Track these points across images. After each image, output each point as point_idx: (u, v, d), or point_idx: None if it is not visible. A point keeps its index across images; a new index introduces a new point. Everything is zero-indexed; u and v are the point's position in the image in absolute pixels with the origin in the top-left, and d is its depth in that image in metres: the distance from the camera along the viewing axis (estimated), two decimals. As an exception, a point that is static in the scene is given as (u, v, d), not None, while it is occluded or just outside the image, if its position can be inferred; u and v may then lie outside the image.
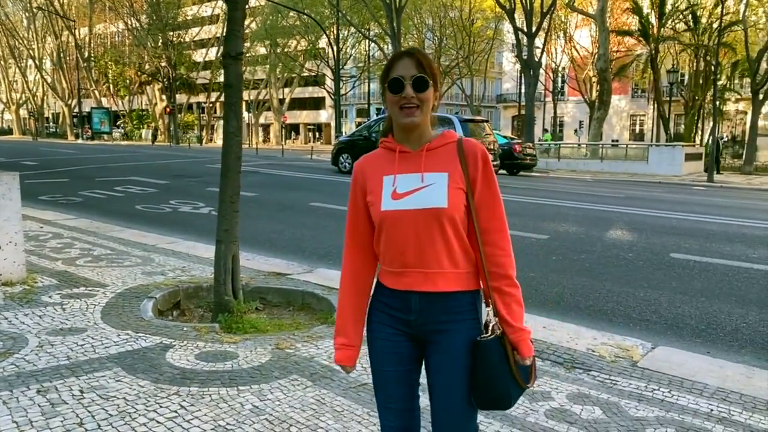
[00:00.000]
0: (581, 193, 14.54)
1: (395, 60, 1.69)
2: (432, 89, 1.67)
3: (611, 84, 29.53)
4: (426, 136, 1.71)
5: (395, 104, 1.66)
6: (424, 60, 1.67)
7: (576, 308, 5.00)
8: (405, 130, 1.70)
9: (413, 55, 1.67)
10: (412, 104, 1.64)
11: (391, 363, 1.75)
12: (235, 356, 3.44)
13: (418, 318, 1.69)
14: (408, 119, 1.65)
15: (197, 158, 23.72)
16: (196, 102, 56.71)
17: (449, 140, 1.72)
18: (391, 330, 1.73)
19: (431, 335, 1.70)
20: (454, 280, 1.68)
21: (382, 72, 1.72)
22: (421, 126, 1.68)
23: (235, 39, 4.28)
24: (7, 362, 3.20)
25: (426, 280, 1.67)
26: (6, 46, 55.34)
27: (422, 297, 1.68)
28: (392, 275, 1.72)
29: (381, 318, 1.75)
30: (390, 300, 1.73)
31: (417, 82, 1.64)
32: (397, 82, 1.65)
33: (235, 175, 4.47)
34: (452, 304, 1.69)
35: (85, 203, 10.34)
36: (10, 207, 4.70)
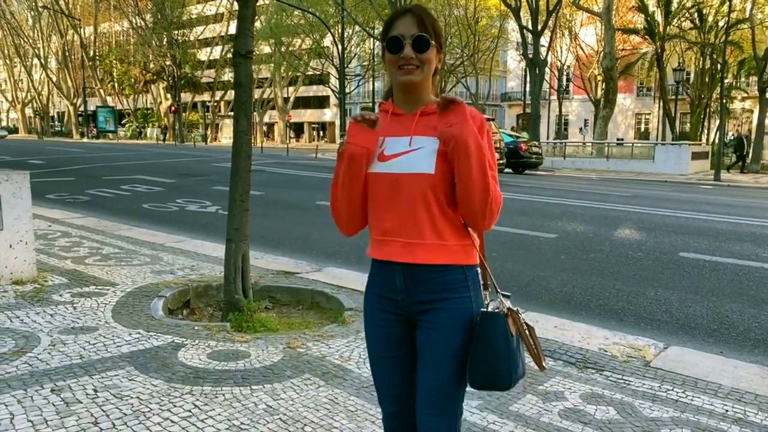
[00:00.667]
0: (588, 191, 14.50)
1: (395, 18, 1.60)
2: (434, 50, 1.58)
3: (617, 82, 29.43)
4: (424, 100, 1.63)
5: (393, 64, 1.58)
6: (426, 18, 1.58)
7: (586, 307, 4.98)
8: (403, 90, 1.62)
9: (415, 12, 1.58)
10: (412, 65, 1.56)
11: (385, 348, 1.71)
12: (247, 355, 3.44)
13: (405, 297, 1.63)
14: (405, 77, 1.57)
15: (203, 157, 23.76)
16: (200, 101, 56.82)
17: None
18: (381, 314, 1.69)
19: (419, 315, 1.63)
20: (438, 252, 1.58)
21: (382, 30, 1.64)
22: (419, 87, 1.60)
23: (245, 37, 4.27)
24: (21, 361, 3.20)
25: (405, 250, 1.59)
26: (11, 45, 55.55)
27: (405, 271, 1.60)
28: (375, 243, 1.66)
29: (373, 301, 1.71)
30: (378, 278, 1.68)
31: (417, 42, 1.55)
32: (395, 41, 1.56)
33: (245, 174, 4.46)
34: (440, 281, 1.59)
35: (92, 202, 10.36)
36: (21, 206, 4.71)
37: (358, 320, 4.20)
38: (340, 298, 4.72)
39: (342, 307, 4.55)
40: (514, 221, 8.92)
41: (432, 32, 1.58)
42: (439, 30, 1.61)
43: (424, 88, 1.62)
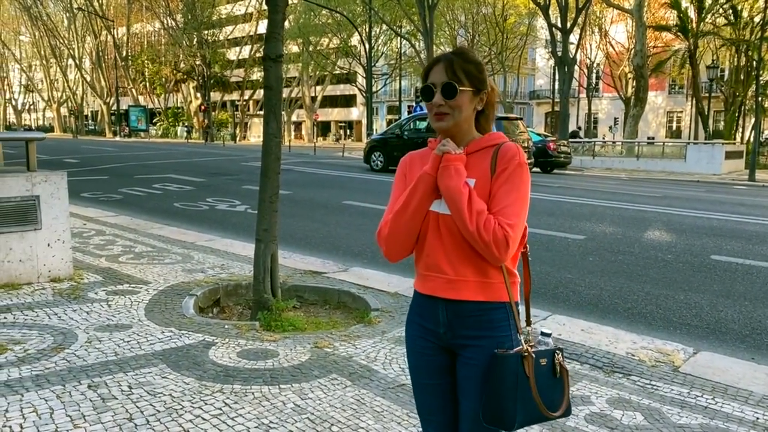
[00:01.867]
0: (617, 192, 14.30)
1: (430, 66, 1.66)
2: (466, 94, 1.61)
3: (648, 80, 28.93)
4: (466, 140, 1.66)
5: (430, 111, 1.65)
6: (457, 63, 1.62)
7: (614, 311, 4.94)
8: (442, 134, 1.68)
9: (446, 59, 1.63)
10: (443, 111, 1.61)
11: (426, 375, 1.74)
12: (275, 354, 3.50)
13: (447, 331, 1.66)
14: (437, 124, 1.64)
15: (232, 156, 24.07)
16: (229, 100, 57.52)
17: (489, 144, 1.66)
18: (423, 342, 1.72)
19: (461, 349, 1.66)
20: (481, 289, 1.62)
21: (422, 76, 1.70)
22: (455, 131, 1.64)
23: (275, 41, 4.34)
24: (59, 357, 3.32)
25: (449, 287, 1.63)
26: (48, 46, 56.94)
27: (448, 307, 1.64)
28: (420, 277, 1.71)
29: (414, 330, 1.75)
30: (421, 308, 1.72)
31: (446, 89, 1.60)
32: (428, 89, 1.63)
33: (274, 176, 4.54)
34: (482, 318, 1.62)
35: (124, 200, 10.60)
36: (59, 206, 4.86)
37: (384, 321, 4.24)
38: (367, 299, 4.77)
39: (368, 308, 4.60)
40: (542, 222, 8.85)
41: (464, 77, 1.61)
42: (473, 72, 1.63)
43: (461, 131, 1.66)
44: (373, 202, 10.72)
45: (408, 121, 18.74)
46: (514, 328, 1.64)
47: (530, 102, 55.91)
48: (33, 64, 68.15)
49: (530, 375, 1.56)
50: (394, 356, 3.53)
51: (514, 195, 1.58)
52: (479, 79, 1.64)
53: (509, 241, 1.54)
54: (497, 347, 1.60)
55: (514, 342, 1.62)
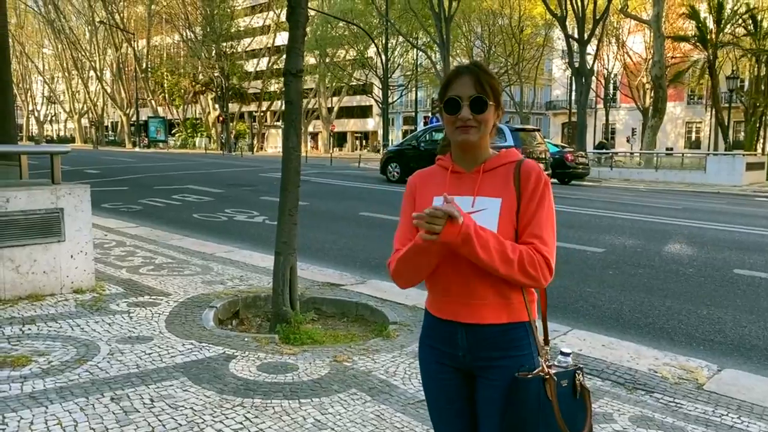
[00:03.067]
0: (636, 203, 14.17)
1: (453, 77, 1.60)
2: (492, 108, 1.59)
3: (666, 91, 28.71)
4: (483, 156, 1.64)
5: (451, 124, 1.60)
6: (483, 77, 1.59)
7: (635, 326, 4.89)
8: (461, 149, 1.64)
9: (472, 71, 1.59)
10: (469, 125, 1.57)
11: (445, 399, 1.71)
12: (295, 368, 3.51)
13: (466, 354, 1.62)
14: (462, 137, 1.59)
15: (250, 167, 24.25)
16: (247, 111, 58.07)
17: (507, 161, 1.63)
18: (438, 366, 1.68)
19: (482, 371, 1.63)
20: (501, 310, 1.59)
21: (440, 88, 1.65)
22: (477, 145, 1.61)
23: (296, 57, 4.39)
24: (82, 369, 3.36)
25: (469, 311, 1.60)
26: (70, 58, 58.00)
27: (468, 331, 1.60)
28: (436, 302, 1.67)
29: (428, 353, 1.71)
30: (436, 332, 1.68)
31: (475, 103, 1.56)
32: (453, 102, 1.57)
33: (294, 189, 4.57)
34: (504, 338, 1.59)
35: (144, 211, 10.72)
36: (82, 218, 4.93)
37: (402, 335, 4.24)
38: (385, 312, 4.77)
39: (386, 321, 4.60)
40: (561, 234, 8.76)
41: (489, 91, 1.59)
42: (496, 87, 1.62)
43: (482, 146, 1.64)
44: (390, 213, 10.73)
45: (424, 132, 18.78)
46: (534, 347, 1.61)
47: (547, 113, 55.71)
48: (55, 76, 69.50)
49: (552, 398, 1.53)
50: (414, 371, 3.52)
51: (546, 217, 1.58)
52: (499, 94, 1.63)
53: (551, 266, 1.55)
54: (519, 368, 1.58)
55: (535, 362, 1.60)
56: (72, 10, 56.93)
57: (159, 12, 55.19)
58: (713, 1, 29.66)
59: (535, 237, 1.55)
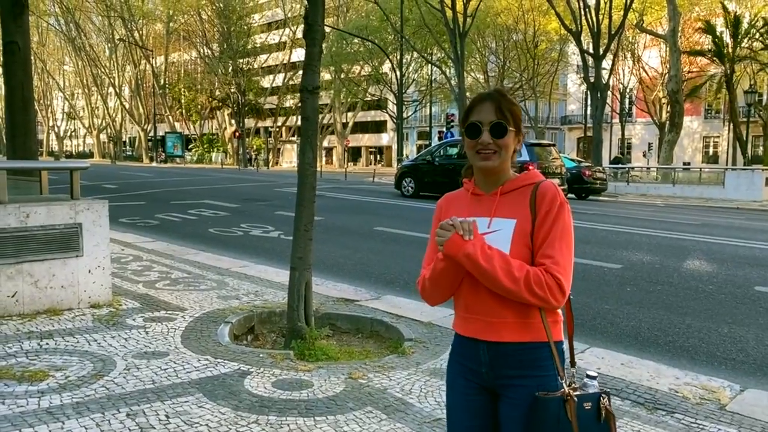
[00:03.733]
0: (653, 219, 14.02)
1: (475, 103, 1.66)
2: (512, 134, 1.63)
3: (683, 105, 28.53)
4: (503, 179, 1.68)
5: (472, 148, 1.65)
6: (504, 103, 1.63)
7: (654, 344, 4.81)
8: (482, 173, 1.69)
9: (494, 98, 1.64)
10: (489, 150, 1.62)
11: (467, 417, 1.72)
12: (310, 385, 3.49)
13: (489, 371, 1.65)
14: (483, 163, 1.64)
15: (265, 182, 24.40)
16: (263, 126, 58.62)
17: (525, 183, 1.66)
18: (464, 382, 1.71)
19: (504, 389, 1.65)
20: (521, 330, 1.60)
21: (463, 114, 1.71)
22: (498, 170, 1.66)
23: (312, 74, 4.42)
24: (98, 384, 3.37)
25: (489, 329, 1.62)
26: (89, 75, 59.04)
27: (490, 348, 1.63)
28: (460, 319, 1.72)
29: (455, 369, 1.74)
30: (462, 348, 1.72)
31: (495, 128, 1.61)
32: (474, 127, 1.63)
33: (309, 204, 4.58)
34: (525, 357, 1.61)
35: (161, 226, 10.81)
36: (100, 233, 4.98)
37: (417, 352, 4.21)
38: (400, 328, 4.74)
39: (401, 338, 4.57)
40: (578, 250, 8.62)
41: (510, 117, 1.63)
42: (517, 113, 1.66)
43: (503, 170, 1.67)
44: (405, 228, 10.72)
45: (439, 147, 18.80)
46: (561, 364, 1.62)
47: (562, 127, 55.58)
48: (75, 92, 70.73)
49: (572, 419, 1.53)
50: (429, 389, 3.48)
51: (561, 238, 1.58)
52: (519, 120, 1.67)
53: (563, 287, 1.56)
54: (540, 388, 1.58)
55: (557, 382, 1.60)
56: (92, 28, 58.07)
57: (177, 29, 56.11)
58: (730, 15, 29.51)
59: (547, 257, 1.56)
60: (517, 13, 38.85)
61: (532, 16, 38.92)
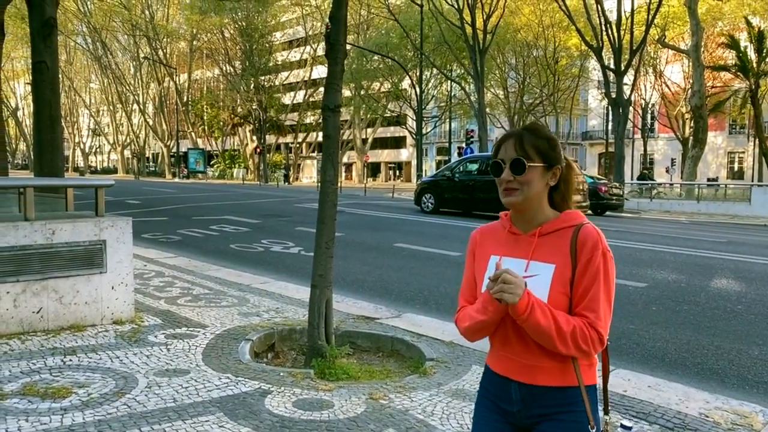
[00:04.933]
0: (678, 236, 13.79)
1: (501, 142, 1.66)
2: (536, 170, 1.59)
3: (707, 121, 28.17)
4: (540, 218, 1.63)
5: (499, 186, 1.64)
6: (527, 139, 1.61)
7: (682, 365, 4.69)
8: (513, 209, 1.66)
9: (517, 135, 1.63)
10: (512, 186, 1.60)
11: None
12: (330, 405, 3.46)
13: (521, 410, 1.63)
14: (507, 199, 1.62)
15: (286, 198, 24.55)
16: (283, 142, 59.16)
17: (565, 225, 1.61)
18: (494, 416, 1.69)
19: (536, 424, 1.63)
20: (556, 374, 1.59)
21: (493, 150, 1.70)
22: (526, 206, 1.62)
23: (334, 92, 4.44)
24: (120, 402, 3.37)
25: (524, 371, 1.61)
26: (115, 92, 60.25)
27: (522, 388, 1.62)
28: (494, 357, 1.70)
29: (485, 404, 1.72)
30: (493, 386, 1.69)
31: (514, 165, 1.59)
32: (497, 165, 1.63)
33: (330, 222, 4.57)
34: (559, 397, 1.59)
35: (183, 242, 10.90)
36: (123, 250, 5.02)
37: (439, 372, 4.15)
38: (421, 347, 4.69)
39: (423, 357, 4.51)
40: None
41: (533, 152, 1.60)
42: (545, 147, 1.61)
43: (535, 207, 1.63)
44: (425, 245, 10.68)
45: (459, 163, 18.76)
46: (592, 406, 1.59)
47: (583, 143, 55.22)
48: (101, 109, 72.16)
49: None
50: (452, 411, 3.43)
51: (604, 291, 1.54)
52: (551, 156, 1.62)
53: (604, 340, 1.54)
54: (574, 423, 1.57)
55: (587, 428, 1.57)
56: (118, 47, 59.29)
57: (200, 47, 57.09)
58: (754, 30, 29.16)
59: (591, 311, 1.53)
60: (537, 30, 38.86)
61: (552, 32, 38.89)
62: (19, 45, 49.95)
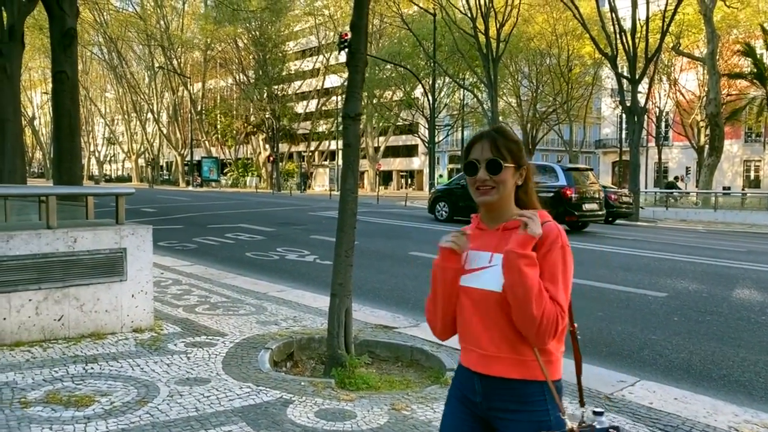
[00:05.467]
0: (696, 245, 13.64)
1: (473, 142, 1.73)
2: (509, 170, 1.68)
3: (723, 129, 27.92)
4: (507, 214, 1.71)
5: (472, 185, 1.71)
6: (500, 141, 1.70)
7: (707, 377, 4.61)
8: (484, 208, 1.73)
9: (490, 136, 1.71)
10: (487, 186, 1.67)
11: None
12: (353, 416, 3.43)
13: (483, 401, 1.68)
14: (482, 198, 1.69)
15: (299, 206, 24.61)
16: (296, 151, 59.40)
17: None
18: (460, 407, 1.74)
19: (497, 422, 1.67)
20: (514, 367, 1.62)
21: (464, 152, 1.78)
22: (498, 205, 1.70)
23: (354, 101, 4.44)
24: (143, 411, 3.36)
25: (481, 361, 1.66)
26: (129, 101, 60.89)
27: (482, 379, 1.66)
28: (462, 351, 1.76)
29: (454, 393, 1.79)
30: (461, 377, 1.76)
31: (490, 165, 1.67)
32: (471, 165, 1.70)
33: (350, 230, 4.56)
34: (516, 393, 1.63)
35: (199, 249, 10.94)
36: (143, 258, 5.04)
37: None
38: (441, 357, 4.65)
39: (443, 367, 4.47)
40: (619, 277, 8.50)
41: (507, 153, 1.69)
42: (515, 150, 1.71)
43: (503, 205, 1.72)
44: (441, 254, 10.61)
45: (473, 171, 18.69)
46: (552, 406, 1.62)
47: (596, 151, 54.94)
48: (115, 118, 72.92)
49: None
50: (476, 422, 3.38)
51: (561, 280, 1.60)
52: (519, 157, 1.72)
53: (560, 327, 1.58)
54: (538, 427, 1.59)
55: (553, 421, 1.60)
56: (133, 57, 59.97)
57: (214, 57, 57.57)
58: (770, 37, 28.95)
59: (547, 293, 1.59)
60: (550, 38, 38.78)
61: (566, 41, 38.80)
62: (36, 55, 50.66)
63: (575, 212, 15.02)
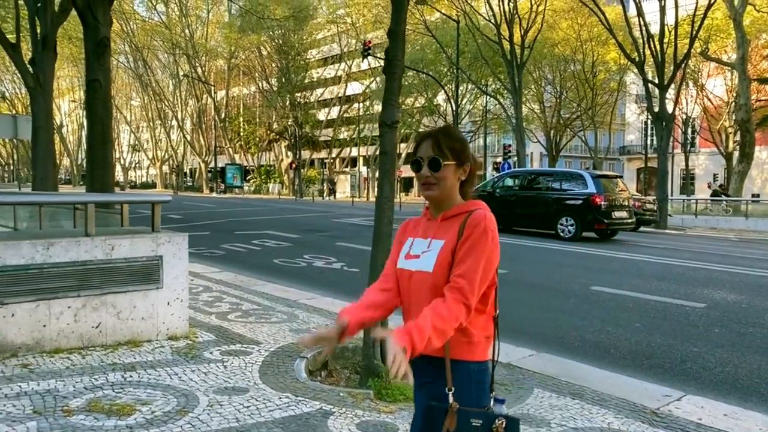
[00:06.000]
0: (730, 254, 13.33)
1: (419, 142, 1.89)
2: (451, 167, 1.82)
3: (754, 135, 27.36)
4: (447, 206, 1.86)
5: (418, 180, 1.88)
6: (442, 140, 1.84)
7: (756, 393, 4.46)
8: (428, 201, 1.90)
9: (433, 137, 1.85)
10: (430, 182, 1.83)
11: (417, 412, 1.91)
12: (395, 428, 3.36)
13: (416, 378, 1.79)
14: (425, 193, 1.86)
15: (323, 213, 24.66)
16: (318, 158, 59.64)
17: (462, 210, 1.84)
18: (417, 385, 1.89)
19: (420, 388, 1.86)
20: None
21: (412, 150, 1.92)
22: (440, 198, 1.85)
23: (391, 108, 4.40)
24: (184, 421, 3.34)
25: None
26: (154, 109, 61.77)
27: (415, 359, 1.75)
28: None
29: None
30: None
31: (432, 163, 1.82)
32: (416, 162, 1.86)
33: (387, 239, 4.51)
34: (429, 366, 1.78)
35: (227, 256, 10.98)
36: (179, 266, 5.04)
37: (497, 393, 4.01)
38: (478, 368, 4.56)
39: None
40: (654, 287, 8.32)
41: (448, 152, 1.83)
42: (457, 148, 1.84)
43: (445, 199, 1.87)
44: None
45: (499, 179, 18.57)
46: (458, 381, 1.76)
47: (620, 158, 54.28)
48: (141, 125, 74.02)
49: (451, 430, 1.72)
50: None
51: (473, 259, 1.73)
52: (462, 155, 1.85)
53: (470, 308, 1.71)
54: (437, 397, 1.76)
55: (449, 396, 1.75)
56: (158, 65, 60.84)
57: (238, 65, 58.17)
58: (801, 41, 28.35)
59: (462, 277, 1.72)
60: (575, 44, 38.44)
61: (591, 46, 38.43)
62: (65, 64, 51.63)
63: (604, 220, 14.77)
